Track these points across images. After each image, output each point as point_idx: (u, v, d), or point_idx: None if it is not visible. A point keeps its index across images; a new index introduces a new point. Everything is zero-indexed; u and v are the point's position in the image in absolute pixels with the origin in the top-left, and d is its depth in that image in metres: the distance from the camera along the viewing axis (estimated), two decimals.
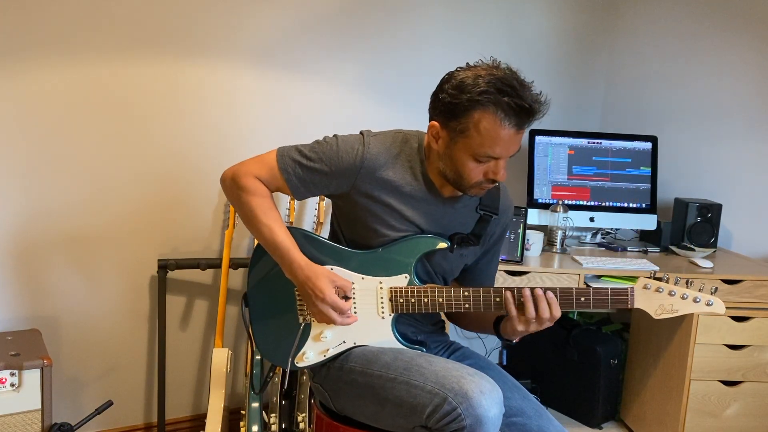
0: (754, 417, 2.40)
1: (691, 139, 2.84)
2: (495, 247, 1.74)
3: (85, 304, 2.37)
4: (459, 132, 1.47)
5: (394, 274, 1.61)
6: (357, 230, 1.63)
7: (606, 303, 1.53)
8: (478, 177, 1.51)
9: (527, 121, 1.45)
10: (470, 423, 1.38)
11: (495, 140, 1.44)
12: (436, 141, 1.53)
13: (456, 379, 1.43)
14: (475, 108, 1.43)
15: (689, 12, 2.83)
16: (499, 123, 1.43)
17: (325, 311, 1.54)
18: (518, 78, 1.46)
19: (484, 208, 1.65)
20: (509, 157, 1.49)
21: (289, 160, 1.59)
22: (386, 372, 1.53)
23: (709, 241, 2.60)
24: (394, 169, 1.58)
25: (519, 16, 2.93)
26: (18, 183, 2.22)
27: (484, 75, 1.44)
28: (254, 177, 1.60)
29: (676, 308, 1.51)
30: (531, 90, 1.46)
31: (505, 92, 1.41)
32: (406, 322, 1.69)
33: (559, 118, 3.08)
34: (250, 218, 1.61)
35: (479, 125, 1.44)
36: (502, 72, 1.46)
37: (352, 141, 1.58)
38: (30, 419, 1.98)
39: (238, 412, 2.48)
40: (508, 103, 1.41)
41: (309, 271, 1.55)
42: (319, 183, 1.59)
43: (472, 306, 1.56)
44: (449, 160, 1.51)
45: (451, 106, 1.46)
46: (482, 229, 1.65)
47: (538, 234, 2.51)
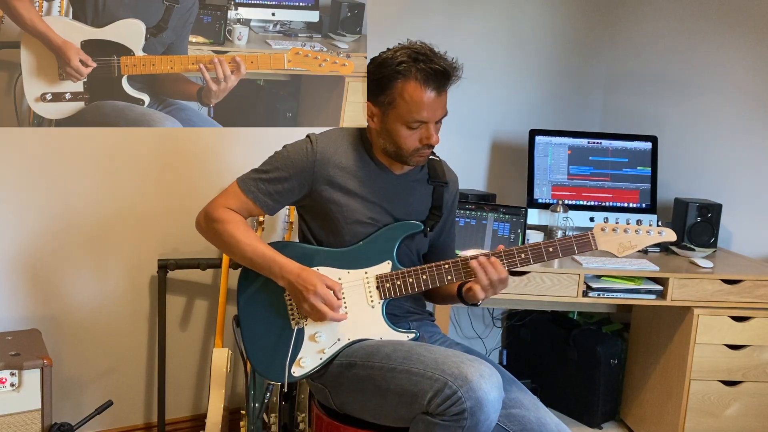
0: (754, 417, 2.40)
1: (691, 139, 2.84)
2: (450, 217, 1.89)
3: (85, 304, 2.37)
4: (388, 104, 1.62)
5: (377, 263, 1.70)
6: (327, 226, 1.72)
7: (572, 249, 1.66)
8: (414, 144, 1.64)
9: (445, 83, 1.61)
10: (471, 405, 1.41)
11: (420, 105, 1.59)
12: (372, 119, 1.68)
13: (456, 364, 1.47)
14: (396, 78, 1.60)
15: (689, 12, 2.83)
16: (420, 88, 1.58)
17: (316, 304, 1.59)
18: (431, 48, 1.63)
19: (434, 180, 1.80)
20: (438, 121, 1.64)
21: (250, 181, 1.70)
22: (387, 363, 1.57)
23: (709, 241, 2.61)
24: (345, 156, 1.71)
25: (519, 16, 2.93)
26: (18, 183, 2.22)
27: (401, 50, 1.62)
28: (225, 208, 1.70)
29: (635, 243, 1.67)
30: (444, 57, 1.62)
31: (419, 60, 1.59)
32: (395, 308, 1.74)
33: (559, 118, 3.08)
34: (230, 244, 1.69)
35: (403, 93, 1.60)
36: (418, 45, 1.63)
37: (300, 144, 1.71)
38: (30, 419, 1.98)
39: (238, 412, 2.48)
40: (424, 69, 1.58)
41: (300, 271, 1.62)
42: (283, 190, 1.69)
43: (454, 277, 1.67)
44: (386, 133, 1.66)
45: (377, 82, 1.64)
46: (439, 200, 1.80)
47: (538, 234, 2.51)
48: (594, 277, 2.37)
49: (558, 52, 3.04)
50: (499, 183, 2.99)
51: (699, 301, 2.36)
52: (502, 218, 2.41)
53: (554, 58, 3.04)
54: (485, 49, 2.88)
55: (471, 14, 2.83)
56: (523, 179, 2.78)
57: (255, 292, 1.72)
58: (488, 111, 2.94)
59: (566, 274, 2.34)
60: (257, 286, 1.71)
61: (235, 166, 1.85)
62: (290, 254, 1.68)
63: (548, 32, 3.00)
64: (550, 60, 3.04)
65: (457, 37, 2.80)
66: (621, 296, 2.36)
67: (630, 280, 2.36)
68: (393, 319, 1.71)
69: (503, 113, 2.98)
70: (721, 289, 2.35)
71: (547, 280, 2.33)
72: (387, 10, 2.67)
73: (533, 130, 2.77)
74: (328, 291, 1.60)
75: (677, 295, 2.35)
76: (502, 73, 2.94)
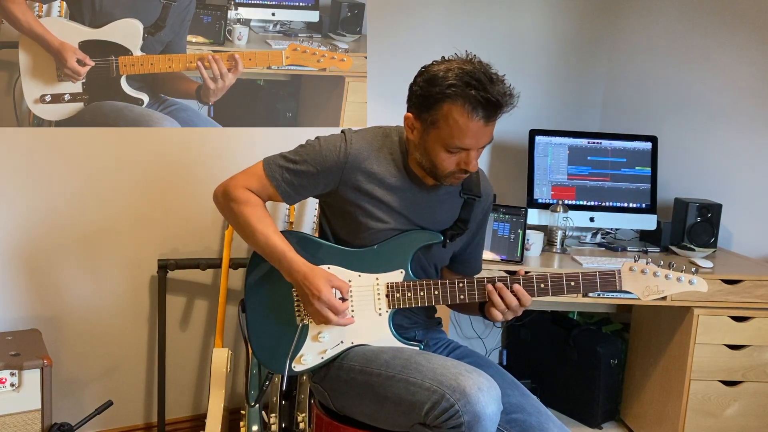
0: (754, 417, 2.40)
1: (691, 139, 2.84)
2: (480, 231, 1.82)
3: (86, 304, 2.37)
4: (430, 123, 1.54)
5: (390, 270, 1.65)
6: (347, 227, 1.67)
7: (595, 286, 1.59)
8: (451, 167, 1.57)
9: (495, 113, 1.52)
10: (468, 419, 1.40)
11: (464, 132, 1.50)
12: (411, 132, 1.60)
13: (454, 377, 1.45)
14: (444, 101, 1.50)
15: (689, 12, 2.82)
16: (467, 115, 1.49)
17: (321, 310, 1.56)
18: (487, 72, 1.52)
19: (467, 192, 1.72)
20: (480, 148, 1.56)
21: (276, 167, 1.64)
22: (385, 370, 1.55)
23: (709, 241, 2.60)
24: (377, 162, 1.64)
25: (519, 15, 2.93)
26: (19, 183, 2.22)
27: (455, 68, 1.51)
28: (245, 188, 1.65)
29: (662, 288, 1.58)
30: (500, 84, 1.52)
31: (472, 85, 1.48)
32: (403, 317, 1.71)
33: (559, 118, 3.08)
34: (244, 227, 1.64)
35: (448, 117, 1.50)
36: (473, 66, 1.52)
37: (335, 139, 1.63)
38: (30, 419, 1.98)
39: (238, 412, 2.48)
40: (475, 96, 1.47)
41: (307, 271, 1.58)
42: (308, 184, 1.64)
43: (467, 297, 1.62)
44: (423, 150, 1.58)
45: (423, 98, 1.53)
46: (468, 214, 1.72)
47: (538, 234, 2.51)
48: None
49: (558, 52, 3.04)
50: (499, 183, 2.99)
51: (699, 301, 2.35)
52: (502, 218, 2.41)
53: (554, 58, 3.04)
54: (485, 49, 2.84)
55: (471, 14, 2.83)
56: (523, 179, 2.78)
57: (264, 280, 1.69)
58: None
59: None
60: (267, 273, 1.68)
61: (236, 165, 1.85)
62: (304, 249, 1.64)
63: (548, 32, 3.00)
64: (550, 60, 3.03)
65: (456, 36, 2.80)
66: (621, 296, 2.36)
67: None
68: (399, 329, 1.68)
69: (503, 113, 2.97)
70: (721, 289, 2.34)
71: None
72: (387, 10, 2.66)
73: (533, 130, 2.77)
74: (333, 297, 1.57)
75: (677, 295, 2.35)
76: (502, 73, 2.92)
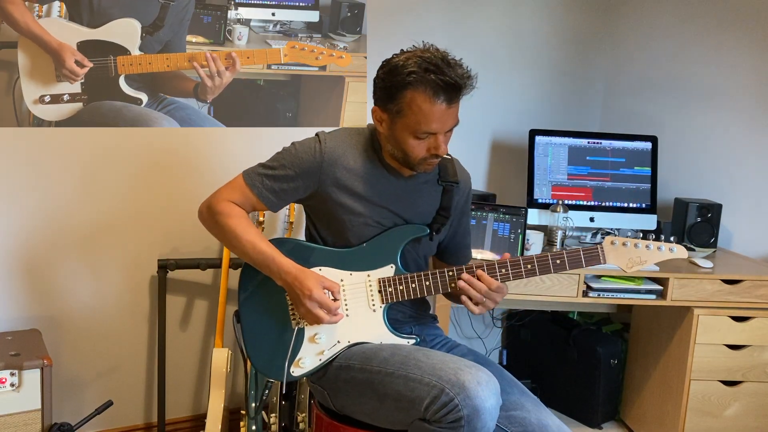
0: (754, 417, 2.40)
1: (691, 139, 2.84)
2: (464, 219, 1.85)
3: (86, 304, 2.37)
4: (396, 113, 1.58)
5: (381, 266, 1.68)
6: (333, 228, 1.70)
7: (580, 262, 1.64)
8: (421, 153, 1.61)
9: (456, 95, 1.56)
10: (467, 413, 1.41)
11: (428, 117, 1.54)
12: (380, 124, 1.64)
13: (453, 371, 1.46)
14: (406, 88, 1.54)
15: (689, 12, 2.82)
16: (430, 100, 1.53)
17: (312, 309, 1.58)
18: (445, 57, 1.56)
19: (444, 180, 1.76)
20: (447, 131, 1.60)
21: (256, 176, 1.68)
22: (384, 367, 1.56)
23: (709, 241, 2.60)
24: (353, 158, 1.68)
25: (519, 15, 2.93)
26: (19, 184, 2.22)
27: (413, 57, 1.56)
28: (228, 201, 1.68)
29: (644, 259, 1.63)
30: (458, 67, 1.56)
31: (431, 71, 1.52)
32: (398, 311, 1.73)
33: (559, 118, 3.08)
34: (231, 239, 1.67)
35: (412, 104, 1.55)
36: (430, 53, 1.57)
37: (309, 142, 1.68)
38: (30, 419, 1.98)
39: (238, 412, 2.48)
40: (435, 81, 1.52)
41: (296, 272, 1.60)
42: (288, 188, 1.67)
43: (457, 285, 1.64)
44: (394, 140, 1.62)
45: (386, 89, 1.58)
46: (449, 201, 1.76)
47: (538, 234, 2.50)
48: (594, 277, 2.37)
49: (558, 52, 3.04)
50: (499, 183, 2.99)
51: (699, 301, 2.35)
52: (502, 218, 2.41)
53: (554, 58, 3.04)
54: (485, 49, 2.88)
55: (471, 14, 2.83)
56: (523, 179, 2.78)
57: (256, 289, 1.71)
58: (488, 111, 2.94)
59: (566, 274, 2.33)
60: (259, 282, 1.70)
61: (235, 165, 1.85)
62: (292, 252, 1.66)
63: (548, 32, 3.00)
64: (550, 60, 3.03)
65: (456, 36, 2.80)
66: (621, 296, 2.36)
67: (630, 280, 2.36)
68: (395, 323, 1.70)
69: (503, 113, 2.98)
70: (721, 289, 2.34)
71: (547, 280, 2.33)
72: (387, 10, 2.66)
73: (533, 130, 2.77)
74: (324, 296, 1.58)
75: (677, 295, 2.35)
76: (502, 73, 2.94)
